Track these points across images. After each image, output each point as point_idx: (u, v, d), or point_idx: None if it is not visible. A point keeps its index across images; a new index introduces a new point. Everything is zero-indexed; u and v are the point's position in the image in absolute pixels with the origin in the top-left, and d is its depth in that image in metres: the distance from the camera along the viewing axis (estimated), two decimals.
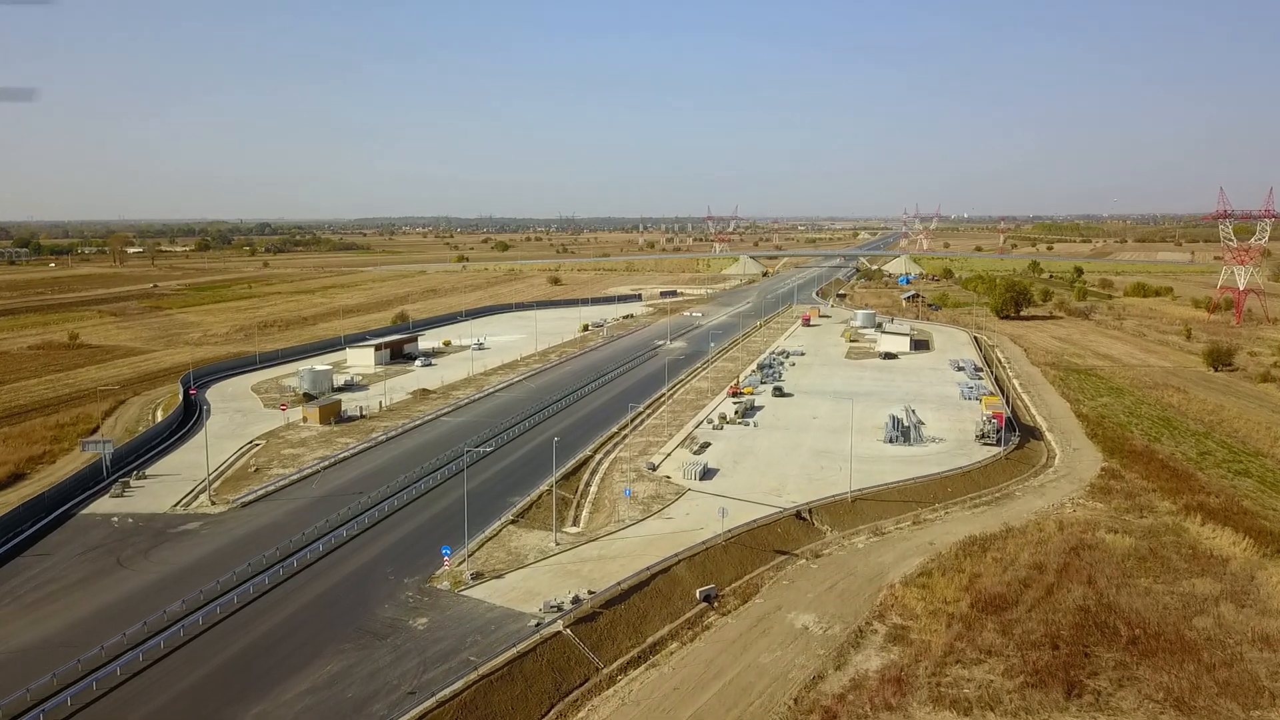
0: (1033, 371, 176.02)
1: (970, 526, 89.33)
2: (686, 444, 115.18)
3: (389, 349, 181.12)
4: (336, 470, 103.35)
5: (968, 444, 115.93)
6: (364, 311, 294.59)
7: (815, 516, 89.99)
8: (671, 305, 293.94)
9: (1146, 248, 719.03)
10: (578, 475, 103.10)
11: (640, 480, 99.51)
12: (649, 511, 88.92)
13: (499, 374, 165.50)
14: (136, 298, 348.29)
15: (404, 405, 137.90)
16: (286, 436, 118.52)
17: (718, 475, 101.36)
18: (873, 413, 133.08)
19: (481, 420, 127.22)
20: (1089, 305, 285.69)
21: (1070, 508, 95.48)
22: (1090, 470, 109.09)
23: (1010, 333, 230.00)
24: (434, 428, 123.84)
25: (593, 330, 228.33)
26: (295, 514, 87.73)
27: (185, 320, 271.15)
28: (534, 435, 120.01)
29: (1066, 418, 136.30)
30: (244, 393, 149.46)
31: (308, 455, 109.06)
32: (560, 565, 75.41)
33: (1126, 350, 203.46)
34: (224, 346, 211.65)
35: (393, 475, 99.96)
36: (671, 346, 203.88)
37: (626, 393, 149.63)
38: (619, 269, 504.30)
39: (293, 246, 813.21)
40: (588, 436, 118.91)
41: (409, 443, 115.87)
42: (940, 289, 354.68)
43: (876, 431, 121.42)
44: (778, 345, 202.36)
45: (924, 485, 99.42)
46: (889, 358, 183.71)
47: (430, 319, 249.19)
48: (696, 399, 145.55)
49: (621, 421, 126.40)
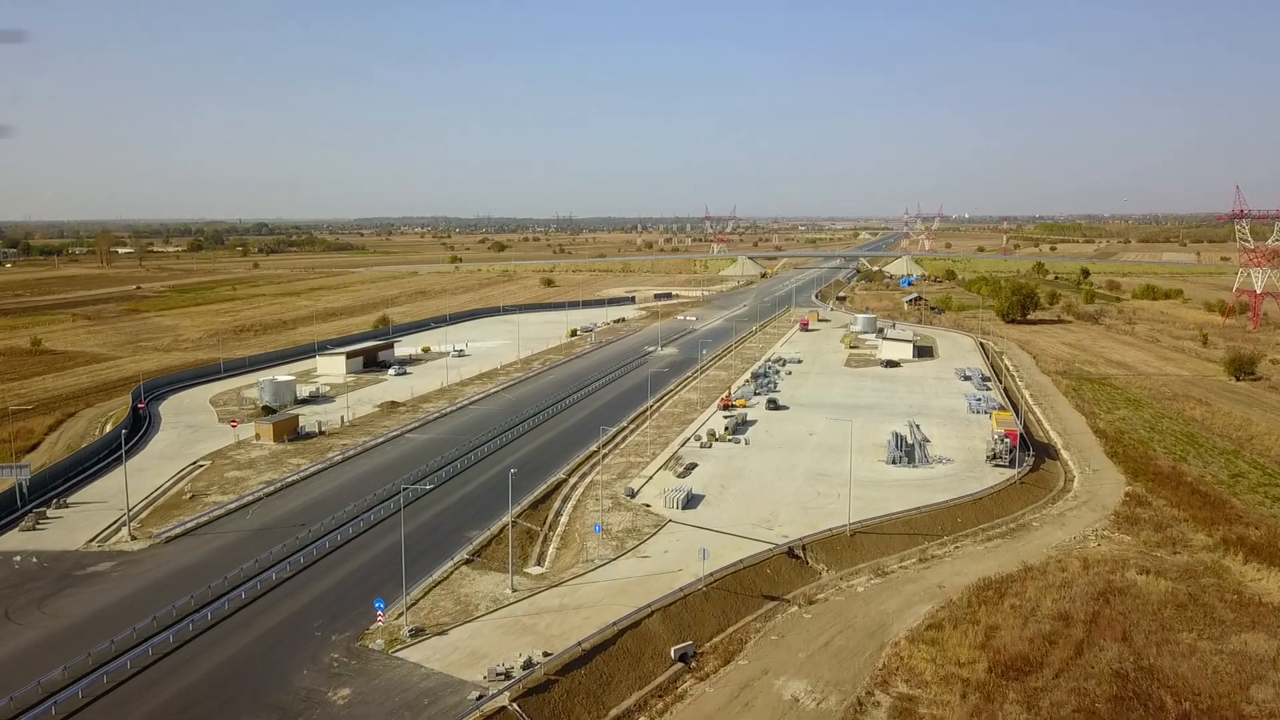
0: (1043, 381, 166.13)
1: (984, 565, 79.50)
2: (670, 465, 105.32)
3: (362, 357, 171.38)
4: (281, 497, 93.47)
5: (978, 465, 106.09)
6: (347, 315, 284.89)
7: (810, 553, 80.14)
8: (665, 308, 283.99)
9: (1150, 248, 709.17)
10: (548, 503, 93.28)
11: (616, 509, 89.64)
12: (623, 549, 79.04)
13: (475, 384, 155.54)
14: (116, 300, 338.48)
15: (368, 420, 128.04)
16: (234, 457, 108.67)
17: (703, 503, 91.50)
18: (874, 428, 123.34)
19: (448, 438, 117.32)
20: (1098, 309, 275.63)
21: (1094, 541, 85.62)
22: (1113, 495, 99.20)
23: (1017, 338, 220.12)
24: (396, 446, 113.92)
25: (580, 335, 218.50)
26: (224, 551, 77.89)
27: (160, 324, 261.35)
28: (504, 455, 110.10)
29: (1083, 434, 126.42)
30: (201, 405, 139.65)
31: (253, 479, 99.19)
32: (514, 618, 65.51)
33: (1140, 357, 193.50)
34: (193, 353, 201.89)
35: (341, 504, 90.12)
36: (662, 353, 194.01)
37: (610, 405, 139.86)
38: (615, 270, 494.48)
39: (287, 247, 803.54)
40: (562, 457, 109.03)
41: (367, 464, 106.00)
42: (943, 291, 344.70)
43: (878, 451, 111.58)
44: (774, 352, 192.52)
45: (931, 515, 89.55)
46: (891, 366, 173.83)
47: (412, 323, 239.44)
48: (685, 412, 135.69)
49: (601, 439, 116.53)
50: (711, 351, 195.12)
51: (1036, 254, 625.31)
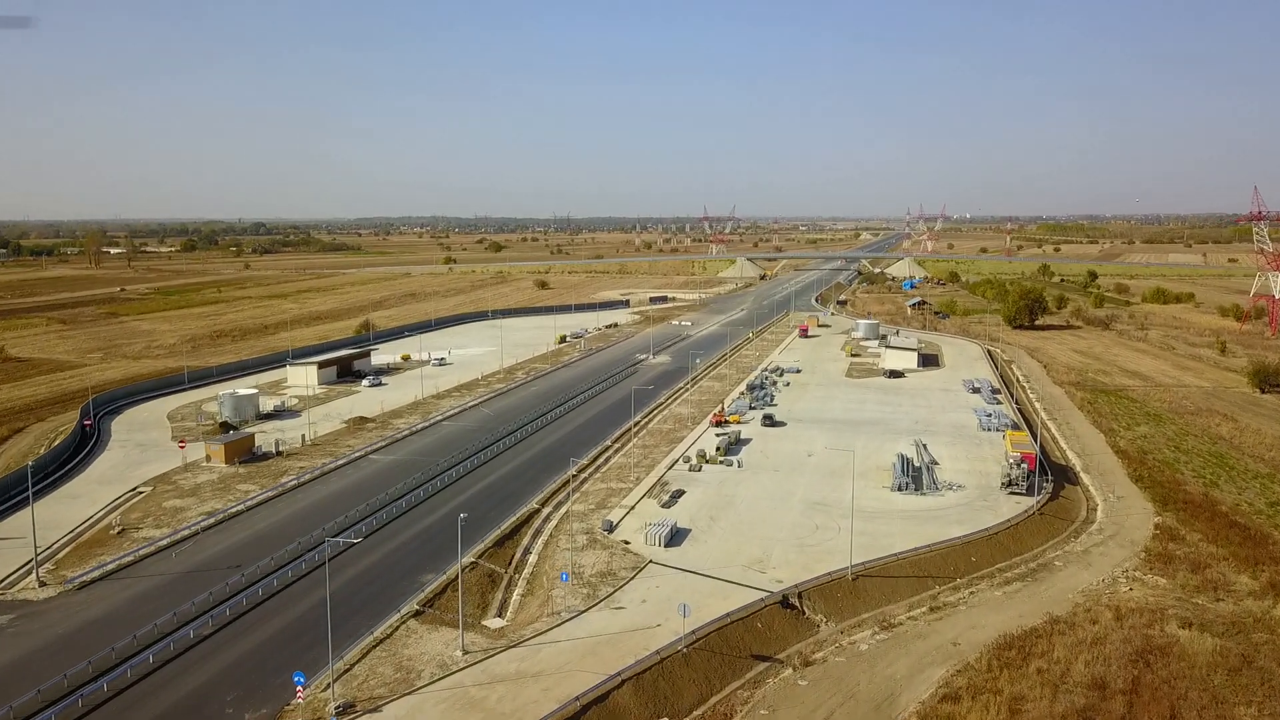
0: (1056, 393, 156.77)
1: (1003, 615, 70.26)
2: (655, 493, 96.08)
3: (335, 366, 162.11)
4: (220, 532, 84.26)
5: (991, 492, 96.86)
6: (332, 319, 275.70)
7: (807, 602, 70.93)
8: (660, 312, 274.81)
9: (1155, 249, 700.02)
10: (517, 538, 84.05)
11: (591, 547, 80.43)
12: (595, 597, 69.81)
13: (453, 396, 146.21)
14: (98, 302, 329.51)
15: (332, 438, 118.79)
16: (179, 482, 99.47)
17: (688, 539, 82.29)
18: (877, 448, 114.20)
19: (415, 459, 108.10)
20: (1108, 313, 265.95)
21: (1125, 585, 76.38)
22: (1142, 528, 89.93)
23: (1026, 345, 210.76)
24: (358, 470, 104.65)
25: (570, 342, 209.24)
26: (141, 601, 68.72)
27: (136, 329, 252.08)
28: (472, 481, 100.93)
29: (1103, 453, 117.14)
30: (157, 421, 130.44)
31: (194, 509, 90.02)
32: (462, 689, 56.33)
33: (1157, 366, 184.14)
34: (164, 360, 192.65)
35: (286, 540, 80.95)
36: (654, 361, 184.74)
37: (595, 422, 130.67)
38: (611, 271, 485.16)
39: (281, 247, 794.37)
40: (536, 483, 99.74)
41: (322, 491, 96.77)
42: (947, 294, 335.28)
43: (882, 475, 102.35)
44: (771, 360, 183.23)
45: (942, 554, 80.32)
46: (895, 376, 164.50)
47: (396, 329, 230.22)
48: (675, 429, 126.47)
49: (581, 462, 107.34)
50: (706, 360, 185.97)
51: (1040, 255, 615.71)
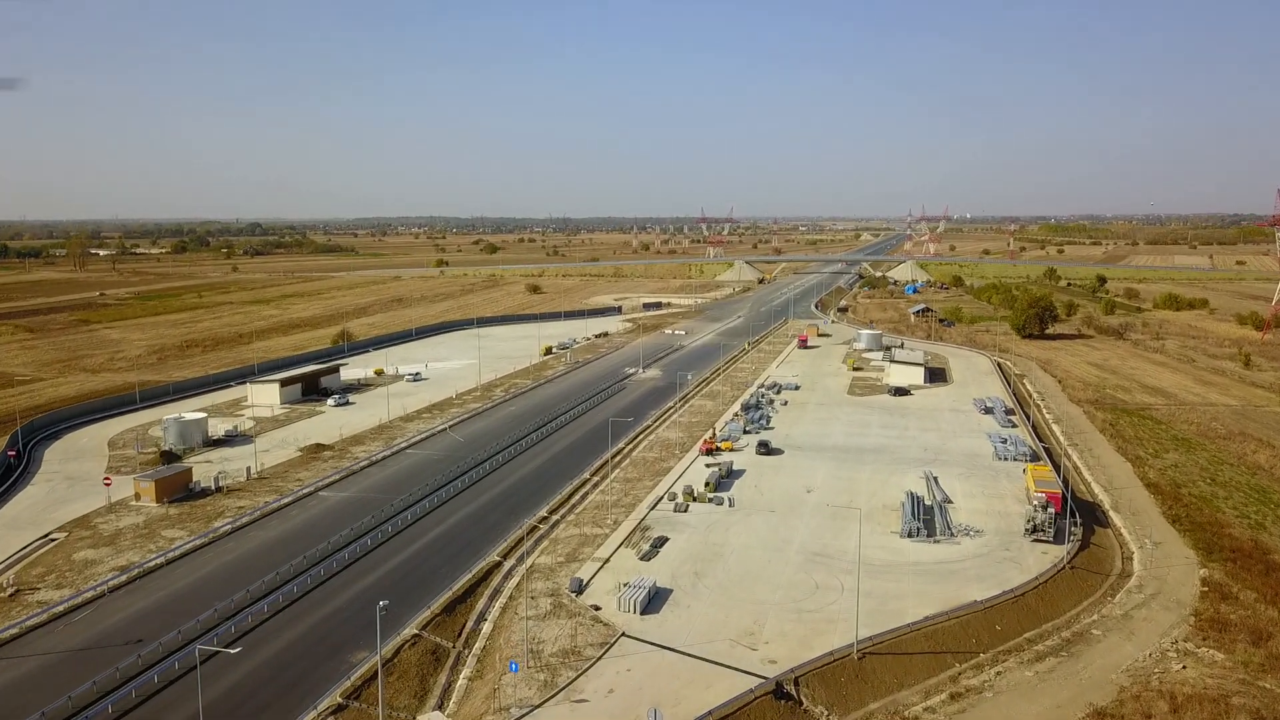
0: (1073, 412, 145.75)
1: (1037, 705, 59.30)
2: (634, 541, 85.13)
3: (300, 384, 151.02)
4: (130, 594, 73.23)
5: (1014, 539, 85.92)
6: (312, 326, 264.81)
7: (805, 690, 59.96)
8: (653, 319, 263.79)
9: (1160, 251, 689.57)
10: (471, 601, 73.09)
11: (555, 614, 69.43)
12: (553, 685, 58.83)
13: (422, 419, 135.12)
14: (75, 308, 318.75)
15: (282, 469, 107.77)
16: (99, 526, 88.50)
17: (669, 602, 71.33)
18: (884, 481, 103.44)
19: (369, 497, 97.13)
20: (1122, 322, 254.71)
21: (1177, 660, 65.41)
22: (1186, 583, 78.98)
23: (1037, 356, 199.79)
24: (303, 510, 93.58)
25: (556, 354, 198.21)
26: (8, 694, 57.68)
27: (105, 338, 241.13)
28: (428, 526, 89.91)
29: (1132, 487, 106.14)
30: (96, 448, 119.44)
31: (107, 562, 79.08)
32: None
33: (1178, 381, 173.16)
34: (124, 375, 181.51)
35: (204, 604, 69.93)
36: (643, 376, 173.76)
37: (575, 448, 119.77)
38: (606, 275, 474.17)
39: (274, 249, 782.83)
40: (500, 529, 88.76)
41: (258, 538, 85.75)
42: (951, 300, 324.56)
43: (889, 517, 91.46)
44: (768, 375, 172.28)
45: (962, 622, 69.34)
46: (900, 394, 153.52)
47: (376, 338, 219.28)
48: (661, 457, 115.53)
49: (553, 502, 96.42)
50: (699, 374, 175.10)
51: (1044, 257, 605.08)
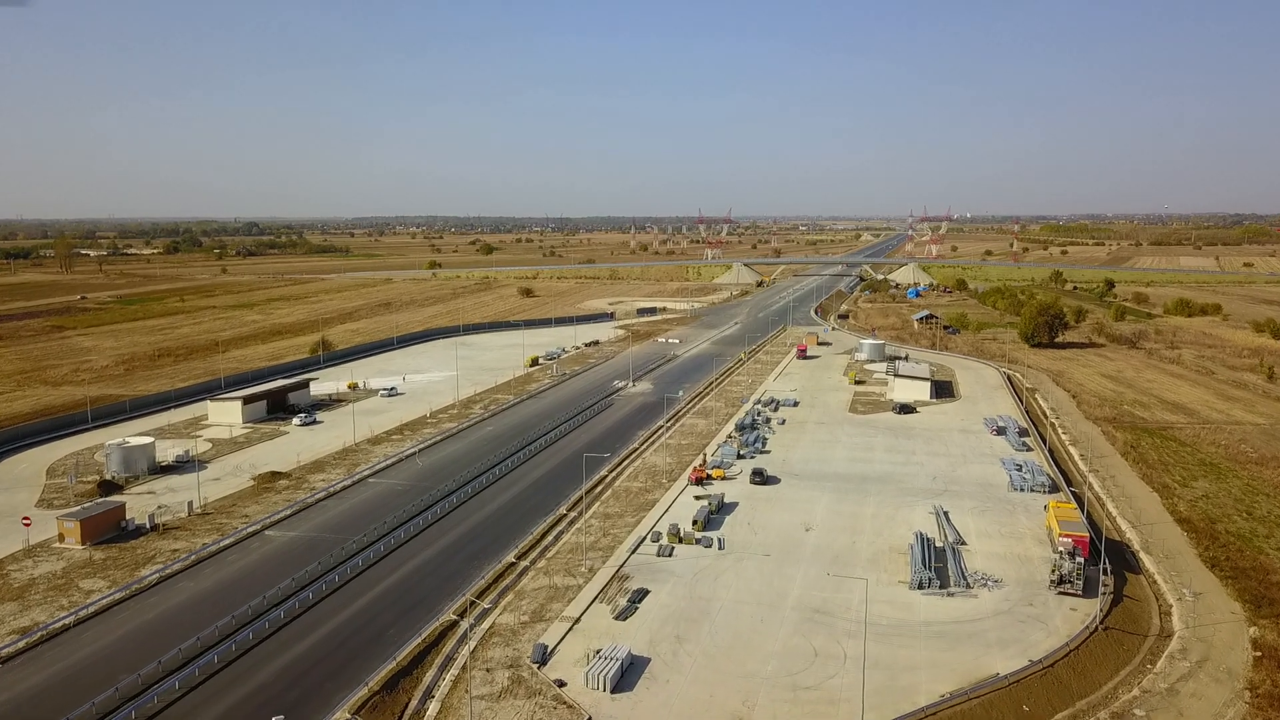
0: (1091, 432, 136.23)
1: None
2: (610, 593, 75.65)
3: (266, 400, 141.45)
4: (24, 665, 63.63)
5: (1037, 590, 76.49)
6: (294, 333, 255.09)
7: None
8: (646, 327, 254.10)
9: (1165, 252, 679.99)
10: (418, 672, 63.54)
11: (512, 693, 59.94)
12: None
13: (391, 441, 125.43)
14: (55, 312, 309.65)
15: (230, 503, 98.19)
16: (12, 574, 78.97)
17: (644, 676, 61.84)
18: (890, 517, 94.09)
19: (320, 537, 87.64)
20: (1134, 329, 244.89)
21: None
22: (1235, 647, 69.45)
23: (1048, 367, 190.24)
24: (243, 554, 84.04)
25: (542, 365, 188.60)
26: None
27: (76, 346, 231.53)
28: (378, 575, 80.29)
29: (1162, 523, 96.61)
30: (33, 475, 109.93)
31: (9, 622, 69.51)
32: None
33: (1198, 396, 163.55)
34: (86, 388, 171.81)
35: (107, 677, 60.41)
36: (632, 391, 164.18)
37: (553, 476, 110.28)
38: (602, 277, 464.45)
39: (268, 249, 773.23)
40: (459, 579, 79.18)
41: (187, 590, 76.19)
42: (955, 305, 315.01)
43: (897, 562, 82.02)
44: (765, 389, 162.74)
45: (985, 702, 59.86)
46: (905, 411, 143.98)
47: (353, 348, 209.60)
48: (646, 487, 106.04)
49: (523, 543, 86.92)
50: (692, 388, 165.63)
51: (1047, 258, 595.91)
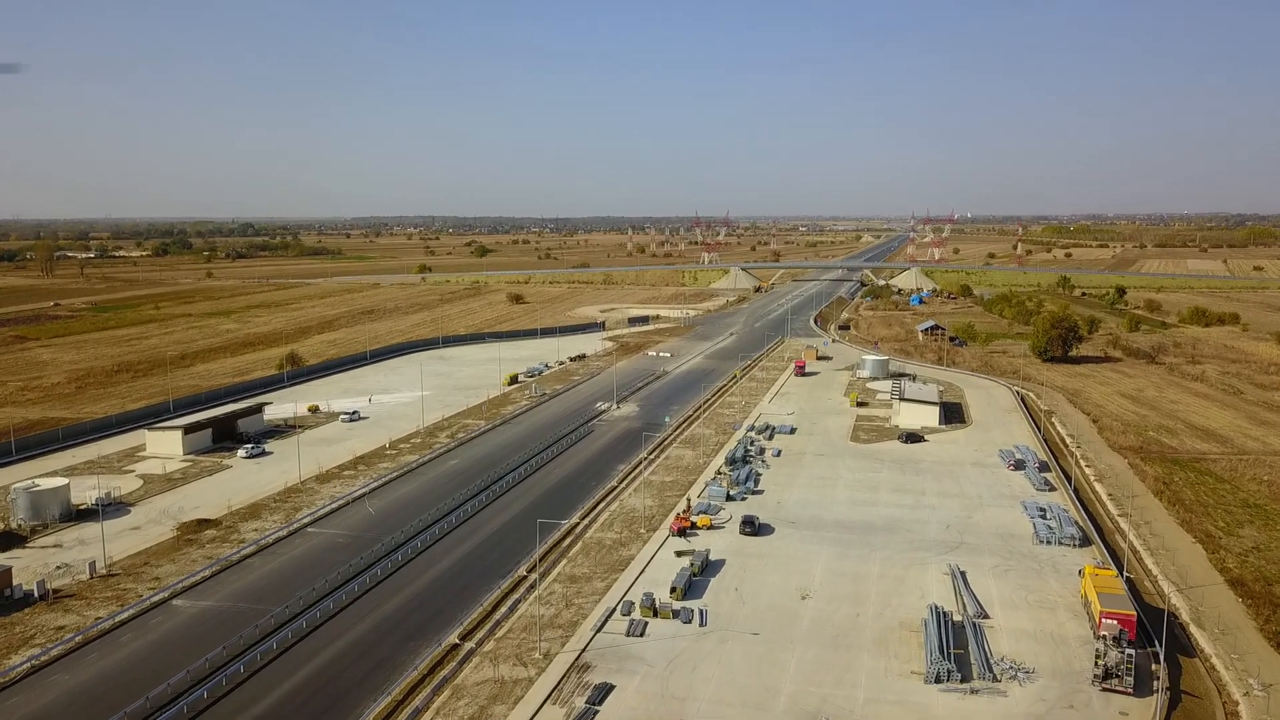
0: (1117, 465, 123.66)
1: None
2: (565, 692, 63.06)
3: (211, 429, 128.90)
4: None
5: (1078, 684, 63.99)
6: (267, 344, 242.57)
7: None
8: (636, 338, 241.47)
9: (1171, 254, 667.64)
10: None
11: None
12: None
13: (342, 478, 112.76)
14: (22, 321, 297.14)
15: (140, 561, 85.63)
16: None
17: None
18: (899, 579, 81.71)
19: (234, 608, 75.04)
20: (1153, 342, 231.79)
21: None
22: None
23: (1063, 385, 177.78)
24: (139, 633, 71.34)
25: (521, 383, 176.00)
26: None
27: (33, 359, 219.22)
28: (294, 664, 67.62)
29: (1211, 584, 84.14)
30: None
31: None
32: None
33: (1230, 420, 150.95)
34: (28, 409, 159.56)
35: None
36: (616, 414, 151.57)
37: (517, 523, 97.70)
38: (595, 282, 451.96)
39: (260, 251, 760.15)
40: (390, 666, 66.48)
41: (61, 685, 63.61)
42: (960, 313, 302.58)
43: (908, 643, 69.52)
44: (759, 413, 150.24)
45: None
46: (912, 440, 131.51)
47: (323, 364, 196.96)
48: (621, 538, 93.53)
49: (471, 616, 74.38)
50: (680, 410, 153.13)
51: (1051, 261, 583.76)
